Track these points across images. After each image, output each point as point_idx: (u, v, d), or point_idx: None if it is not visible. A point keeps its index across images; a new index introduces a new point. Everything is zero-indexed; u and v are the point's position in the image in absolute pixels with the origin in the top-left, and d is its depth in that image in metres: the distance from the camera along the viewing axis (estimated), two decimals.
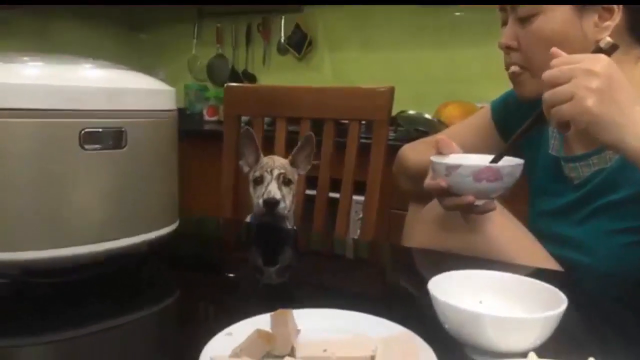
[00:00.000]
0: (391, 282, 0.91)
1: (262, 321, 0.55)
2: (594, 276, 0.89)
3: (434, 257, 0.92)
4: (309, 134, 1.14)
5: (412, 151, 1.13)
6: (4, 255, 0.65)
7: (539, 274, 0.82)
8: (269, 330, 0.52)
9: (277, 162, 1.09)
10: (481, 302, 0.60)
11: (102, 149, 0.69)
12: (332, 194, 1.32)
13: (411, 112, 2.16)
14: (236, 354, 0.50)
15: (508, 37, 0.91)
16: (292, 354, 0.51)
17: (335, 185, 1.31)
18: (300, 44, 2.82)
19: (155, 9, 3.13)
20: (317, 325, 0.57)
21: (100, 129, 0.69)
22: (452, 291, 0.57)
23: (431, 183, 0.84)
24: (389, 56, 2.63)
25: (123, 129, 0.71)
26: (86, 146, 0.68)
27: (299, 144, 1.13)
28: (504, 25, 0.93)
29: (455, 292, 0.58)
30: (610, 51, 0.73)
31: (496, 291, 0.61)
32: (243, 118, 1.44)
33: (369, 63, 2.69)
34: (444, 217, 0.92)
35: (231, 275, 0.90)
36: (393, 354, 0.51)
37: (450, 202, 0.83)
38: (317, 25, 2.82)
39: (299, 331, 0.55)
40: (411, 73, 2.54)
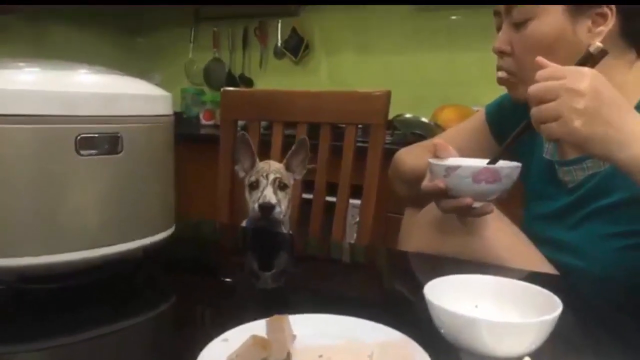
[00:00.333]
0: (387, 287, 0.91)
1: (257, 327, 0.55)
2: (588, 280, 0.89)
3: (430, 262, 0.93)
4: (303, 137, 1.13)
5: (408, 155, 1.13)
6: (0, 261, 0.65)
7: (535, 277, 0.82)
8: (264, 336, 0.52)
9: (272, 166, 1.09)
10: (477, 307, 0.60)
11: (98, 154, 0.69)
12: (328, 198, 1.32)
13: (408, 115, 2.16)
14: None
15: (502, 41, 0.92)
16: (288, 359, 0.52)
17: (332, 189, 1.31)
18: (297, 47, 2.83)
19: (152, 13, 3.14)
20: (313, 330, 0.57)
21: (96, 135, 0.69)
22: (447, 296, 0.57)
23: (429, 185, 0.83)
24: (385, 60, 2.64)
25: (119, 135, 0.71)
26: (82, 152, 0.68)
27: (293, 148, 1.13)
28: (499, 30, 0.94)
29: (451, 296, 0.58)
30: (600, 56, 0.72)
31: (492, 295, 0.61)
32: (240, 122, 1.44)
33: (365, 67, 2.70)
34: (440, 221, 0.92)
35: (227, 280, 0.90)
36: (389, 359, 0.51)
37: (447, 205, 0.83)
38: (314, 29, 2.82)
39: (294, 337, 0.55)
40: (408, 76, 2.54)
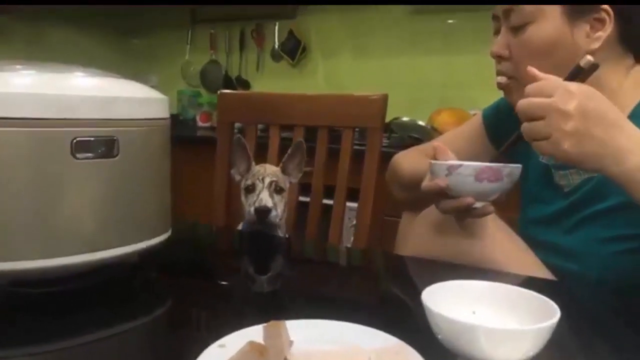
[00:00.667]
0: (384, 292, 0.90)
1: (254, 332, 0.55)
2: (585, 284, 0.89)
3: (427, 266, 0.92)
4: (299, 140, 1.13)
5: (406, 159, 1.13)
6: None
7: (532, 282, 0.82)
8: (261, 342, 0.52)
9: (268, 170, 1.09)
10: (474, 313, 0.60)
11: (93, 158, 0.69)
12: (325, 201, 1.32)
13: (405, 118, 2.16)
14: None
15: (500, 46, 0.92)
16: None
17: (329, 192, 1.31)
18: (294, 50, 2.83)
19: (149, 14, 3.13)
20: (310, 336, 0.56)
21: (92, 138, 0.69)
22: (445, 301, 0.57)
23: (429, 184, 0.82)
24: (382, 63, 2.64)
25: (115, 138, 0.71)
26: (78, 155, 0.68)
27: (289, 151, 1.12)
28: (497, 34, 0.94)
29: (449, 302, 0.57)
30: (591, 70, 0.72)
31: (490, 301, 0.61)
32: (236, 125, 1.43)
33: (362, 70, 2.70)
34: (437, 224, 0.92)
35: (223, 284, 0.89)
36: None
37: (448, 205, 0.82)
38: (311, 31, 2.83)
39: (292, 343, 0.55)
40: (404, 80, 2.55)
